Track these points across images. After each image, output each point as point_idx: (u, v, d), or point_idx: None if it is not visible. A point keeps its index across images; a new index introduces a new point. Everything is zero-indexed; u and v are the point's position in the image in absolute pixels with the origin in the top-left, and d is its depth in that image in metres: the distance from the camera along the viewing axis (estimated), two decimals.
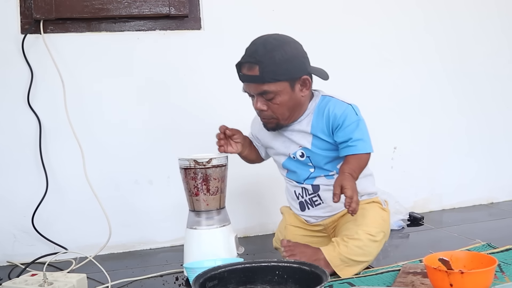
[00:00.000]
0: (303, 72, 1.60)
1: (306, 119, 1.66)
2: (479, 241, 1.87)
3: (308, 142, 1.65)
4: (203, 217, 1.69)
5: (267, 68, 1.54)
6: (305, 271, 1.23)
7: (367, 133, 1.61)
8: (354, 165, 1.56)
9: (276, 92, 1.58)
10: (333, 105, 1.62)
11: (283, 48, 1.56)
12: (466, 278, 1.27)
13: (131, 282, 1.71)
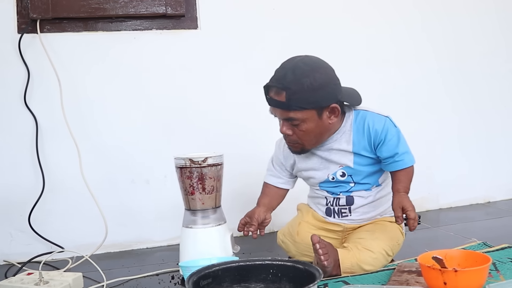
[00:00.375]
0: (332, 100, 1.54)
1: (344, 138, 1.63)
2: (475, 240, 1.88)
3: (350, 161, 1.64)
4: (199, 216, 1.70)
5: (295, 95, 1.50)
6: (299, 269, 1.24)
7: (407, 144, 1.62)
8: (405, 181, 1.59)
9: (303, 119, 1.54)
10: (372, 120, 1.59)
11: (313, 75, 1.50)
12: (460, 276, 1.28)
13: (127, 281, 1.71)
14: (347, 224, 1.71)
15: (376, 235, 1.62)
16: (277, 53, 2.21)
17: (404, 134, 2.37)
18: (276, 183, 1.77)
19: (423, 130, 2.47)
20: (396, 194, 1.57)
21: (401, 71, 2.45)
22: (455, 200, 2.53)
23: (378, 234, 1.62)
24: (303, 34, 2.29)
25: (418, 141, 2.43)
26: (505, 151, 2.61)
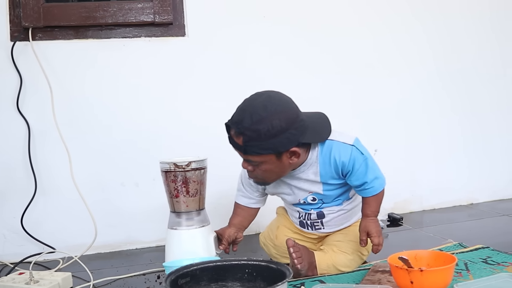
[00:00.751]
0: (291, 145, 1.51)
1: (311, 170, 1.62)
2: (451, 241, 1.94)
3: (319, 189, 1.65)
4: (183, 218, 1.75)
5: (251, 141, 1.48)
6: (272, 269, 1.30)
7: (376, 166, 1.61)
8: (375, 205, 1.61)
9: (261, 162, 1.53)
10: (338, 152, 1.57)
11: (270, 122, 1.45)
12: (426, 275, 1.34)
13: (114, 280, 1.78)
14: (321, 234, 1.77)
15: (350, 237, 1.68)
16: (264, 61, 2.31)
17: (386, 137, 2.46)
18: (248, 203, 1.78)
19: (405, 134, 2.54)
20: (364, 219, 1.61)
21: (383, 78, 2.51)
22: (439, 202, 2.58)
23: (353, 236, 1.68)
24: (292, 42, 2.35)
25: (400, 145, 2.53)
26: (488, 154, 2.67)
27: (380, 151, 2.46)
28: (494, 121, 2.69)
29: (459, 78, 2.61)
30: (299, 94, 2.27)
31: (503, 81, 2.69)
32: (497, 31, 2.67)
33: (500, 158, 2.69)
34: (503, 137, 2.70)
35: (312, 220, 1.73)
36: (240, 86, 2.26)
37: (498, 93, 2.69)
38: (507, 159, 2.70)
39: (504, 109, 2.70)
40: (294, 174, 1.63)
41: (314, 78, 2.39)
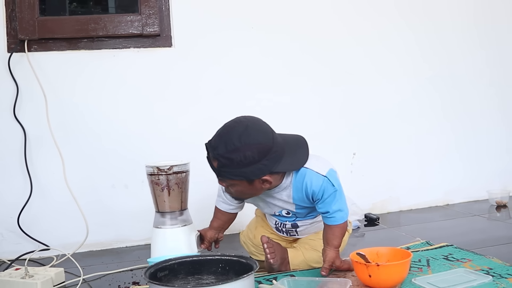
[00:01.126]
0: (263, 175, 1.56)
1: (285, 193, 1.68)
2: (419, 239, 2.06)
3: (292, 207, 1.72)
4: (167, 218, 1.88)
5: (224, 168, 1.55)
6: (243, 263, 1.43)
7: (343, 200, 1.66)
8: (338, 235, 1.65)
9: (234, 184, 1.60)
10: (310, 181, 1.62)
11: (244, 153, 1.51)
12: (382, 270, 1.48)
13: (104, 275, 1.91)
14: (296, 238, 1.89)
15: (321, 236, 1.76)
16: (249, 70, 2.44)
17: (364, 141, 2.58)
18: (227, 209, 1.86)
19: (382, 137, 2.66)
20: (330, 248, 1.65)
21: (362, 83, 2.64)
22: (415, 202, 2.71)
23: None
24: (278, 51, 2.49)
25: (378, 148, 2.66)
26: (463, 157, 2.79)
27: (358, 155, 2.61)
28: (472, 128, 2.82)
29: (436, 84, 2.74)
30: (284, 102, 2.43)
31: (485, 86, 2.83)
32: (482, 38, 2.81)
33: (475, 161, 2.81)
34: (478, 142, 2.82)
35: (287, 228, 1.85)
36: (225, 94, 2.41)
37: (478, 98, 2.82)
38: (482, 162, 2.82)
39: (481, 115, 2.83)
40: (269, 193, 1.70)
41: (299, 86, 2.53)
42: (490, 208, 2.61)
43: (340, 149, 2.57)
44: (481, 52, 2.81)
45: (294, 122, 2.43)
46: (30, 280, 1.76)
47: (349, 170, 2.58)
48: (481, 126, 2.83)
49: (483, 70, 2.82)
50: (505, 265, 1.68)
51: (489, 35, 2.82)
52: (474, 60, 2.80)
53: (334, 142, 2.54)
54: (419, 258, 1.82)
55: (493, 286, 1.50)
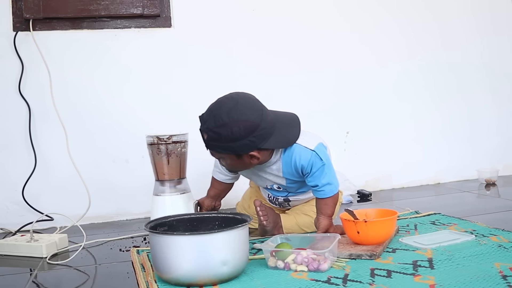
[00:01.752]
0: (250, 150, 1.62)
1: (275, 167, 1.74)
2: (409, 209, 2.15)
3: (283, 182, 1.79)
4: (167, 186, 1.97)
5: (212, 141, 1.62)
6: (237, 219, 1.50)
7: (332, 173, 1.71)
8: (331, 205, 1.72)
9: (223, 157, 1.68)
10: (299, 156, 1.68)
11: (231, 128, 1.57)
12: (369, 226, 1.55)
13: (105, 242, 1.99)
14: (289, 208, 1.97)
15: (312, 203, 1.87)
16: (248, 52, 2.52)
17: (357, 120, 2.65)
18: (223, 179, 1.94)
19: (375, 117, 2.75)
20: (323, 217, 1.71)
21: (355, 65, 2.72)
22: (407, 181, 2.79)
23: (314, 201, 1.83)
24: (277, 34, 2.58)
25: (370, 127, 2.74)
26: (454, 137, 2.88)
27: (351, 134, 2.69)
28: (463, 109, 2.90)
29: (428, 66, 2.83)
30: (278, 81, 2.49)
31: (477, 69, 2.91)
32: (480, 24, 2.89)
33: (466, 141, 2.90)
34: (469, 123, 2.91)
35: (280, 202, 1.94)
36: (222, 74, 2.49)
37: (470, 80, 2.90)
38: (473, 143, 2.91)
39: (474, 97, 2.92)
40: (260, 167, 1.76)
41: (294, 67, 2.62)
42: (480, 186, 2.69)
43: (334, 128, 2.65)
44: (476, 37, 2.91)
45: (288, 101, 2.49)
46: (35, 243, 1.84)
47: (343, 148, 2.66)
48: (472, 108, 2.91)
49: (476, 54, 2.91)
50: (488, 227, 1.77)
51: (485, 21, 2.91)
52: (468, 44, 2.89)
53: (328, 121, 2.63)
54: (407, 223, 1.91)
55: (475, 243, 1.59)
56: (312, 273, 1.40)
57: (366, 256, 1.50)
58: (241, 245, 1.40)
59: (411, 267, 1.40)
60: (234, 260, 1.37)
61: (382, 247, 1.55)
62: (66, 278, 1.60)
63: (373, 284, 1.29)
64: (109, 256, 1.79)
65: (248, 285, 1.35)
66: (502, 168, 2.86)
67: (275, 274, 1.42)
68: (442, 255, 1.49)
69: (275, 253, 1.48)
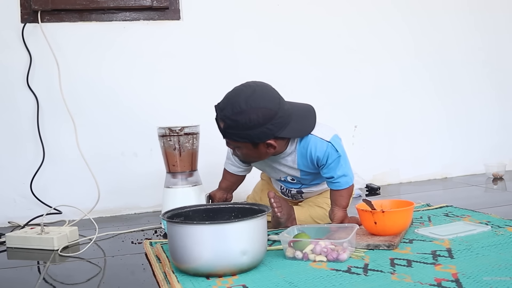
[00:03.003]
0: (267, 138, 1.61)
1: (290, 158, 1.73)
2: (420, 202, 2.14)
3: (297, 173, 1.78)
4: (178, 178, 1.96)
5: (229, 129, 1.60)
6: (255, 210, 1.49)
7: (348, 165, 1.71)
8: (346, 196, 1.72)
9: (239, 146, 1.66)
10: (314, 147, 1.67)
11: (249, 116, 1.55)
12: (387, 216, 1.55)
13: (116, 234, 1.98)
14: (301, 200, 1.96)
15: (326, 194, 1.87)
16: (253, 46, 2.51)
17: (365, 114, 2.65)
18: (235, 171, 1.93)
19: (383, 111, 2.75)
20: (338, 209, 1.71)
21: (363, 59, 2.72)
22: (415, 175, 2.79)
23: (328, 194, 1.82)
24: (284, 27, 2.57)
25: (378, 121, 2.73)
26: (461, 131, 2.88)
27: (359, 128, 2.69)
28: (469, 104, 2.90)
29: (435, 60, 2.83)
30: (287, 75, 2.49)
31: (481, 65, 2.91)
32: (478, 20, 2.89)
33: (472, 136, 2.90)
34: (475, 118, 2.91)
35: (293, 194, 1.92)
36: (230, 66, 2.48)
37: (475, 75, 2.90)
38: (479, 137, 2.91)
39: (480, 93, 2.92)
40: (275, 158, 1.76)
41: (302, 61, 2.61)
42: (487, 180, 2.69)
43: (342, 121, 2.65)
44: (482, 33, 2.91)
45: (297, 95, 2.46)
46: (46, 236, 1.83)
47: (351, 142, 2.65)
48: (478, 103, 2.91)
49: (482, 49, 2.91)
50: (503, 219, 1.76)
51: (484, 19, 2.91)
52: (474, 40, 2.89)
53: (336, 115, 2.62)
54: (420, 215, 1.90)
55: (492, 233, 1.58)
56: (331, 263, 1.40)
57: (384, 247, 1.49)
58: (260, 235, 1.39)
59: (431, 257, 1.39)
60: (253, 250, 1.36)
61: (399, 237, 1.54)
62: (79, 270, 1.59)
63: (395, 273, 1.28)
64: (121, 249, 1.78)
65: (268, 275, 1.34)
66: (508, 163, 2.86)
67: (294, 264, 1.41)
68: (460, 245, 1.48)
69: (293, 244, 1.47)
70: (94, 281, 1.46)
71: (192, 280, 1.33)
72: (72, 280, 1.51)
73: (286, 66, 2.56)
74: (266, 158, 1.75)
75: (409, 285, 1.20)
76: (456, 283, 1.19)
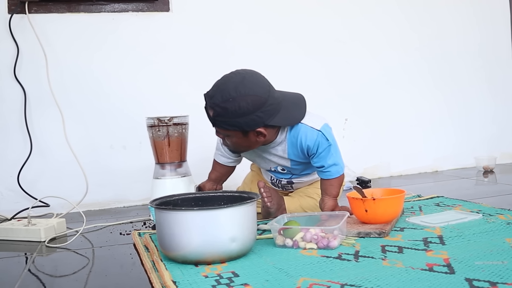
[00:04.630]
0: (257, 126, 1.60)
1: (280, 147, 1.72)
2: (411, 192, 2.13)
3: (287, 163, 1.77)
4: (167, 169, 1.94)
5: (219, 117, 1.58)
6: (244, 197, 1.47)
7: (338, 154, 1.71)
8: (336, 185, 1.72)
9: (228, 135, 1.64)
10: (305, 136, 1.66)
11: (238, 103, 1.54)
12: (378, 204, 1.53)
13: (104, 226, 1.95)
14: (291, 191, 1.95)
15: (316, 185, 1.85)
16: (243, 37, 2.50)
17: (356, 107, 2.65)
18: (225, 162, 1.91)
19: (373, 104, 2.74)
20: (329, 198, 1.71)
21: (353, 52, 2.71)
22: (405, 168, 2.79)
23: (318, 185, 1.82)
24: (273, 20, 2.55)
25: (368, 114, 2.73)
26: (452, 125, 2.88)
27: (350, 121, 2.68)
28: (460, 98, 2.90)
29: (425, 55, 2.82)
30: (277, 67, 2.48)
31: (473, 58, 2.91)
32: (477, 12, 2.89)
33: (463, 129, 2.90)
34: (466, 112, 2.91)
35: (283, 185, 1.91)
36: (220, 58, 2.46)
37: (466, 69, 2.90)
38: (470, 131, 2.91)
39: (471, 87, 2.92)
40: (265, 148, 1.75)
41: (293, 53, 2.60)
42: (478, 173, 2.69)
43: (333, 115, 2.62)
44: (473, 27, 2.91)
45: (287, 87, 2.47)
46: (33, 227, 1.80)
47: (342, 135, 2.64)
48: (469, 97, 2.91)
49: (472, 44, 2.91)
50: (494, 208, 1.76)
51: (484, 11, 2.92)
52: (464, 34, 2.89)
53: (327, 108, 2.59)
54: (411, 205, 1.89)
55: (483, 221, 1.57)
56: (322, 250, 1.38)
57: (375, 234, 1.48)
58: (250, 222, 1.37)
59: (422, 243, 1.38)
60: (243, 237, 1.34)
61: (390, 225, 1.53)
62: (67, 261, 1.56)
63: (386, 259, 1.27)
64: (109, 240, 1.76)
65: (258, 262, 1.33)
66: (499, 156, 2.85)
67: (284, 252, 1.40)
68: (451, 232, 1.47)
69: (283, 231, 1.45)
70: (82, 272, 1.43)
71: (181, 267, 1.31)
72: (59, 271, 1.48)
73: (277, 57, 2.55)
74: (256, 148, 1.74)
75: (401, 270, 1.18)
76: (448, 267, 1.17)
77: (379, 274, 1.16)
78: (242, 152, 1.83)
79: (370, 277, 1.14)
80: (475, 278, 1.09)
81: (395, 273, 1.16)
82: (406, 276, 1.14)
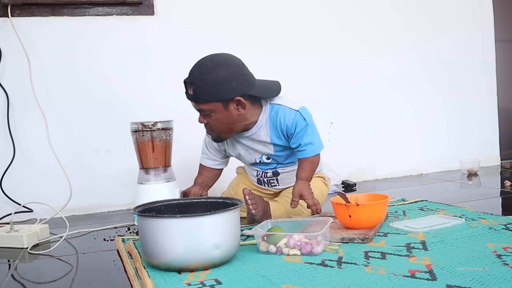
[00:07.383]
0: (236, 94, 1.67)
1: (263, 131, 1.78)
2: (395, 196, 2.14)
3: (271, 150, 1.82)
4: (152, 174, 1.94)
5: (199, 89, 1.66)
6: (228, 203, 1.47)
7: (315, 135, 1.77)
8: (307, 169, 1.74)
9: (210, 110, 1.69)
10: (283, 115, 1.74)
11: (216, 72, 1.64)
12: (362, 209, 1.54)
13: (88, 232, 1.94)
14: (276, 190, 1.95)
15: None
16: (228, 40, 2.49)
17: (341, 111, 2.65)
18: (212, 165, 1.94)
19: (358, 108, 2.75)
20: (298, 181, 1.73)
21: (339, 56, 2.71)
22: (390, 171, 2.80)
23: None
24: (258, 22, 2.56)
25: (354, 118, 2.73)
26: (437, 129, 2.90)
27: (335, 124, 2.68)
28: (445, 101, 2.92)
29: (411, 58, 2.84)
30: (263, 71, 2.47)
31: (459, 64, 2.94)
32: (471, 18, 2.93)
33: (450, 133, 2.92)
34: (450, 115, 2.93)
35: (268, 177, 1.91)
36: None
37: (453, 74, 2.92)
38: (456, 134, 2.93)
39: (458, 91, 2.94)
40: (248, 136, 1.80)
41: (278, 57, 2.60)
42: (462, 176, 2.71)
43: (318, 118, 2.62)
44: (460, 31, 2.94)
45: None
46: (15, 233, 1.78)
47: (327, 139, 2.64)
48: (453, 100, 2.94)
49: (460, 49, 2.94)
50: (476, 212, 1.77)
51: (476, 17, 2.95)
52: (453, 38, 2.92)
53: (312, 112, 2.59)
54: (395, 210, 1.90)
55: (466, 226, 1.58)
56: (305, 257, 1.38)
57: (359, 240, 1.48)
58: (233, 229, 1.37)
59: (405, 249, 1.39)
60: (226, 244, 1.33)
61: (374, 231, 1.54)
62: (50, 268, 1.55)
63: (368, 266, 1.27)
64: (93, 246, 1.74)
65: (241, 269, 1.32)
66: (483, 159, 2.88)
67: (267, 258, 1.40)
68: (434, 237, 1.48)
69: (266, 238, 1.45)
70: (65, 279, 1.42)
71: (164, 275, 1.30)
72: (41, 277, 1.47)
73: (261, 60, 2.52)
74: (240, 138, 1.79)
75: (383, 276, 1.19)
76: (430, 274, 1.18)
77: (362, 281, 1.16)
78: (226, 137, 1.83)
79: (352, 285, 1.15)
80: (456, 284, 1.10)
81: (377, 280, 1.17)
82: (388, 283, 1.14)
